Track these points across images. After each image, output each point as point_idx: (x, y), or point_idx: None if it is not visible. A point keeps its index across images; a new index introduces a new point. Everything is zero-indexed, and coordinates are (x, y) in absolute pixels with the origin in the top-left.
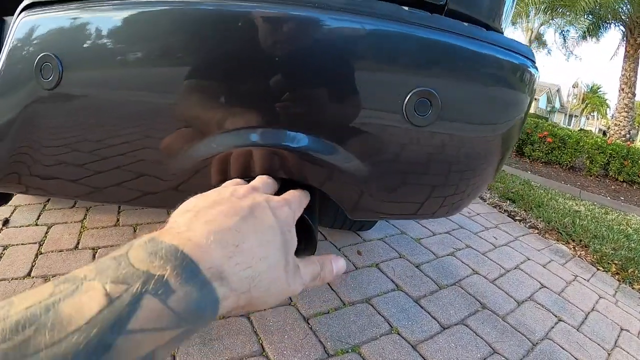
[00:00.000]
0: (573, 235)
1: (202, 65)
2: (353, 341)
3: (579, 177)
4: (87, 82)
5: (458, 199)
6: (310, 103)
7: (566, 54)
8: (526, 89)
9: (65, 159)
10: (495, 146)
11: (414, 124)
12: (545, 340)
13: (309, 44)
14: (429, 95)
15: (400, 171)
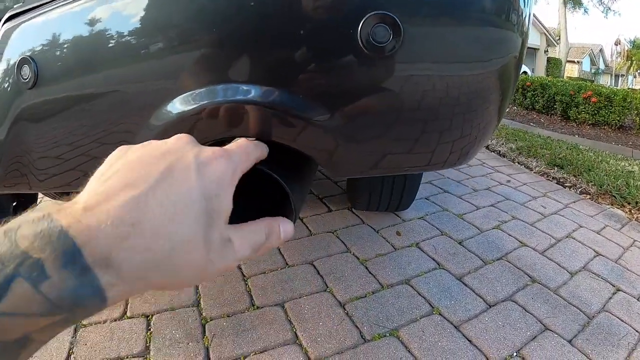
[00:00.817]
0: (628, 198)
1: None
2: (391, 325)
3: (630, 136)
4: (60, 78)
5: (461, 145)
6: (260, 50)
7: (604, 10)
8: (515, 21)
9: (55, 153)
10: (489, 77)
11: (374, 54)
12: (603, 312)
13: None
14: (385, 20)
15: (375, 119)
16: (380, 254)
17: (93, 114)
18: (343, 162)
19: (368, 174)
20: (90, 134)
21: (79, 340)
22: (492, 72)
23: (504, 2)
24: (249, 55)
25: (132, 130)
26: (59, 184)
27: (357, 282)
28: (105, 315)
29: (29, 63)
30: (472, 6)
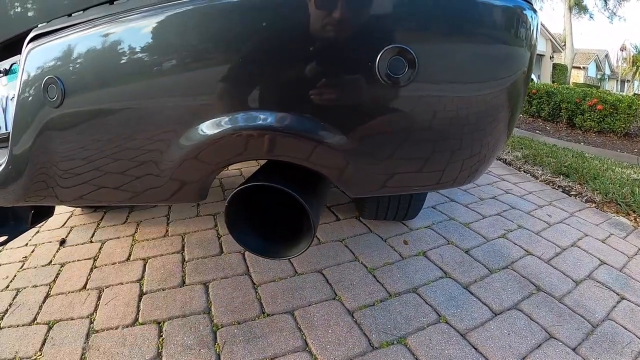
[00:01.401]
0: (633, 206)
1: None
2: (399, 332)
3: (636, 143)
4: (86, 97)
5: (461, 167)
6: (283, 81)
7: (609, 16)
8: (523, 35)
9: (80, 168)
10: (499, 95)
11: (387, 83)
12: (607, 321)
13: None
14: (402, 53)
15: (391, 141)
16: (388, 262)
17: (121, 132)
18: (359, 181)
19: (382, 193)
20: (116, 151)
21: (91, 345)
22: (501, 90)
23: (512, 20)
24: (276, 85)
25: (160, 149)
26: (84, 198)
27: (366, 291)
28: (117, 321)
29: (56, 83)
30: (481, 27)
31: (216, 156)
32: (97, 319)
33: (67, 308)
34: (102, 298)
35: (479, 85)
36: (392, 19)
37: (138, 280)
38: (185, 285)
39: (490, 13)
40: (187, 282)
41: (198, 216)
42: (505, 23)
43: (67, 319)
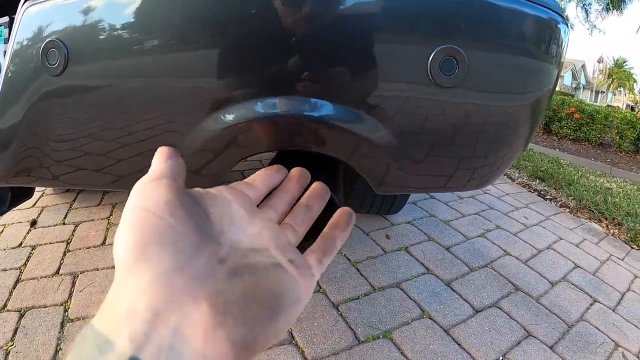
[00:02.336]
0: (605, 214)
1: (220, 35)
2: (384, 326)
3: (609, 153)
4: (96, 65)
5: (488, 171)
6: (333, 68)
7: (589, 28)
8: (556, 47)
9: (75, 147)
10: (526, 109)
11: (440, 85)
12: (581, 321)
13: (325, 10)
14: (454, 53)
15: (429, 140)
16: (371, 256)
17: (135, 108)
18: (391, 179)
19: (407, 191)
20: (126, 131)
21: (66, 336)
22: (531, 103)
23: (550, 34)
24: (322, 74)
25: (180, 131)
26: (81, 181)
27: (350, 284)
28: (94, 310)
29: (58, 47)
30: (529, 41)
31: (246, 141)
32: (72, 307)
33: (40, 294)
34: (76, 284)
35: (516, 95)
36: (447, 22)
37: (114, 267)
38: None
39: (531, 25)
40: None
41: None
42: (543, 35)
43: (39, 306)
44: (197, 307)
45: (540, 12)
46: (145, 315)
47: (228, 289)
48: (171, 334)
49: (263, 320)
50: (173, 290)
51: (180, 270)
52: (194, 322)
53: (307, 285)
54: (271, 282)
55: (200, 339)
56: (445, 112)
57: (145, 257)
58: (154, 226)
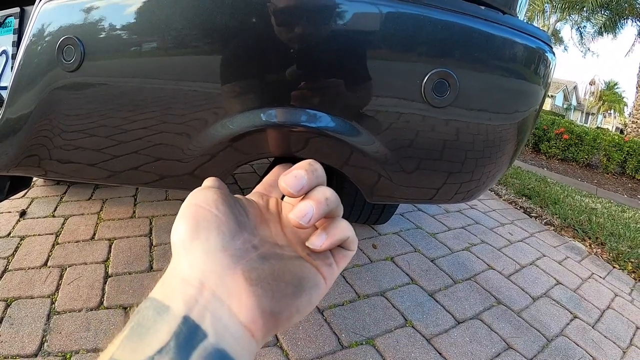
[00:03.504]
0: (589, 233)
1: (225, 46)
2: (367, 333)
3: (596, 174)
4: (110, 63)
5: (473, 185)
6: (334, 83)
7: (583, 50)
8: (542, 73)
9: (86, 142)
10: (511, 129)
11: (432, 105)
12: (561, 336)
13: (328, 27)
14: (446, 76)
15: (420, 154)
16: (357, 264)
17: (147, 108)
18: (383, 189)
19: (397, 202)
20: (135, 129)
21: (52, 328)
22: (518, 122)
23: (537, 62)
24: (321, 88)
25: (188, 133)
26: (86, 175)
27: (335, 290)
28: (80, 303)
29: (75, 44)
30: (517, 68)
31: (249, 148)
32: (58, 300)
33: (27, 285)
34: (64, 277)
35: (503, 115)
36: (440, 47)
37: (103, 262)
38: (153, 271)
39: (520, 53)
40: (155, 268)
41: (167, 200)
42: (530, 60)
43: (26, 297)
44: (234, 278)
45: (529, 41)
46: (195, 283)
47: (259, 268)
48: (213, 298)
49: (287, 295)
50: (216, 264)
51: (222, 249)
52: (231, 291)
53: (327, 274)
54: (295, 268)
55: (236, 304)
56: (436, 129)
57: (196, 237)
58: (203, 216)
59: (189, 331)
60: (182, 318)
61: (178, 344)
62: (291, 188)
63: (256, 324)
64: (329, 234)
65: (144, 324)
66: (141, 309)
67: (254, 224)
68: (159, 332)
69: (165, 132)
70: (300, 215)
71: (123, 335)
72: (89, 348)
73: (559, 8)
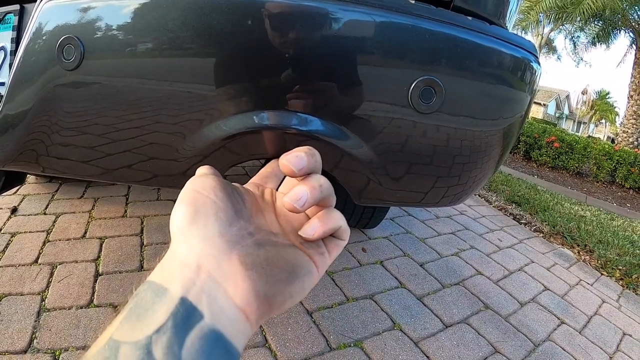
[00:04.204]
0: (578, 240)
1: (220, 49)
2: (356, 336)
3: (586, 183)
4: (108, 63)
5: (460, 189)
6: (325, 88)
7: (576, 60)
8: (527, 82)
9: (82, 139)
10: (496, 136)
11: (418, 111)
12: (548, 341)
13: (321, 33)
14: (432, 84)
15: (407, 158)
16: (346, 267)
17: (145, 107)
18: (370, 192)
19: (385, 204)
20: (131, 127)
21: (42, 325)
22: (504, 128)
23: (523, 71)
24: (312, 92)
25: (183, 133)
26: (79, 172)
27: (324, 293)
28: (70, 301)
29: (75, 43)
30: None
31: (241, 149)
32: (49, 297)
33: (17, 282)
34: (54, 275)
35: (489, 122)
36: (427, 56)
37: (94, 260)
38: (144, 270)
39: (506, 62)
40: (145, 267)
41: (159, 200)
42: (516, 69)
43: (16, 293)
44: (230, 262)
45: (515, 51)
46: (192, 266)
47: (254, 253)
48: (210, 281)
49: (281, 281)
50: (213, 248)
51: (219, 235)
52: (227, 274)
53: (319, 262)
54: (289, 255)
55: (231, 287)
56: (423, 135)
57: (195, 222)
58: (201, 201)
59: (186, 312)
60: (179, 299)
61: (175, 324)
62: (293, 165)
63: (250, 306)
64: (321, 223)
65: (142, 305)
66: (139, 292)
67: (250, 212)
68: (157, 313)
69: (160, 132)
70: (295, 199)
71: (122, 317)
72: (79, 345)
73: (553, 18)
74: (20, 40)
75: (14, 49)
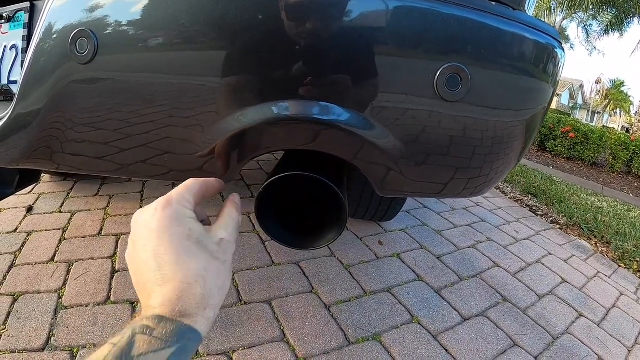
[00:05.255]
0: (595, 232)
1: (239, 40)
2: (374, 329)
3: (602, 173)
4: (123, 55)
5: (482, 181)
6: (347, 77)
7: (589, 48)
8: (551, 69)
9: (96, 135)
10: (520, 125)
11: (445, 99)
12: (566, 334)
13: (342, 21)
14: (458, 71)
15: (431, 149)
16: (363, 261)
17: (160, 101)
18: (394, 183)
19: (408, 196)
20: (146, 121)
21: (59, 322)
22: (528, 119)
23: (547, 57)
24: (336, 81)
25: (201, 125)
26: (93, 169)
27: (342, 286)
28: (87, 298)
29: (88, 36)
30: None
31: (263, 141)
32: (66, 294)
33: (34, 280)
34: (71, 272)
35: (513, 111)
36: (452, 42)
37: (110, 257)
38: None
39: (530, 48)
40: None
41: None
42: (540, 55)
43: (33, 291)
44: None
45: (539, 37)
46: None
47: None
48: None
49: None
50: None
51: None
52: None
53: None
54: None
55: None
56: (448, 125)
57: None
58: None
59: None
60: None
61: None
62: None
63: None
64: None
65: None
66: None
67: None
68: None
69: (177, 126)
70: None
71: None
72: (96, 342)
73: (565, 6)
74: (31, 38)
75: (25, 47)
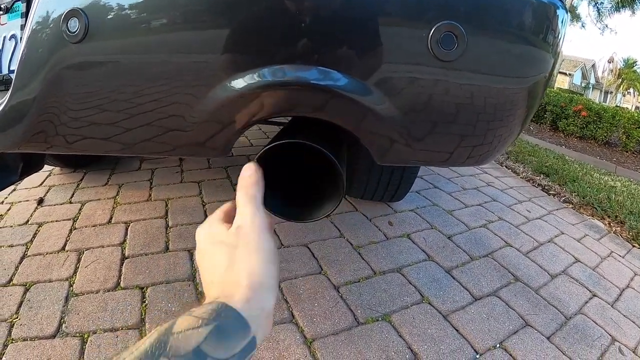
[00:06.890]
0: (608, 211)
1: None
2: (383, 310)
3: (615, 152)
4: (114, 35)
5: (486, 149)
6: (342, 39)
7: (601, 27)
8: (554, 30)
9: (92, 114)
10: (522, 89)
11: (439, 59)
12: (579, 315)
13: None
14: (453, 29)
15: (429, 114)
16: (373, 241)
17: (149, 77)
18: (392, 150)
19: (407, 164)
20: (138, 98)
21: (70, 309)
22: (530, 84)
23: (549, 18)
24: (331, 44)
25: (188, 102)
26: (89, 148)
27: (351, 267)
28: (98, 285)
29: (79, 15)
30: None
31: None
32: (76, 282)
33: (45, 269)
34: (81, 260)
35: (514, 76)
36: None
37: (120, 244)
38: (169, 252)
39: (532, 7)
40: (171, 248)
41: (182, 182)
42: (542, 18)
43: (45, 280)
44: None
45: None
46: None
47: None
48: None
49: None
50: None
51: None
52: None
53: None
54: None
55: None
56: (446, 89)
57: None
58: None
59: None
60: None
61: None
62: None
63: None
64: None
65: (226, 331)
66: (221, 313)
67: None
68: (237, 345)
69: (168, 99)
70: None
71: (206, 332)
72: (107, 328)
73: None
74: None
75: (22, 36)
